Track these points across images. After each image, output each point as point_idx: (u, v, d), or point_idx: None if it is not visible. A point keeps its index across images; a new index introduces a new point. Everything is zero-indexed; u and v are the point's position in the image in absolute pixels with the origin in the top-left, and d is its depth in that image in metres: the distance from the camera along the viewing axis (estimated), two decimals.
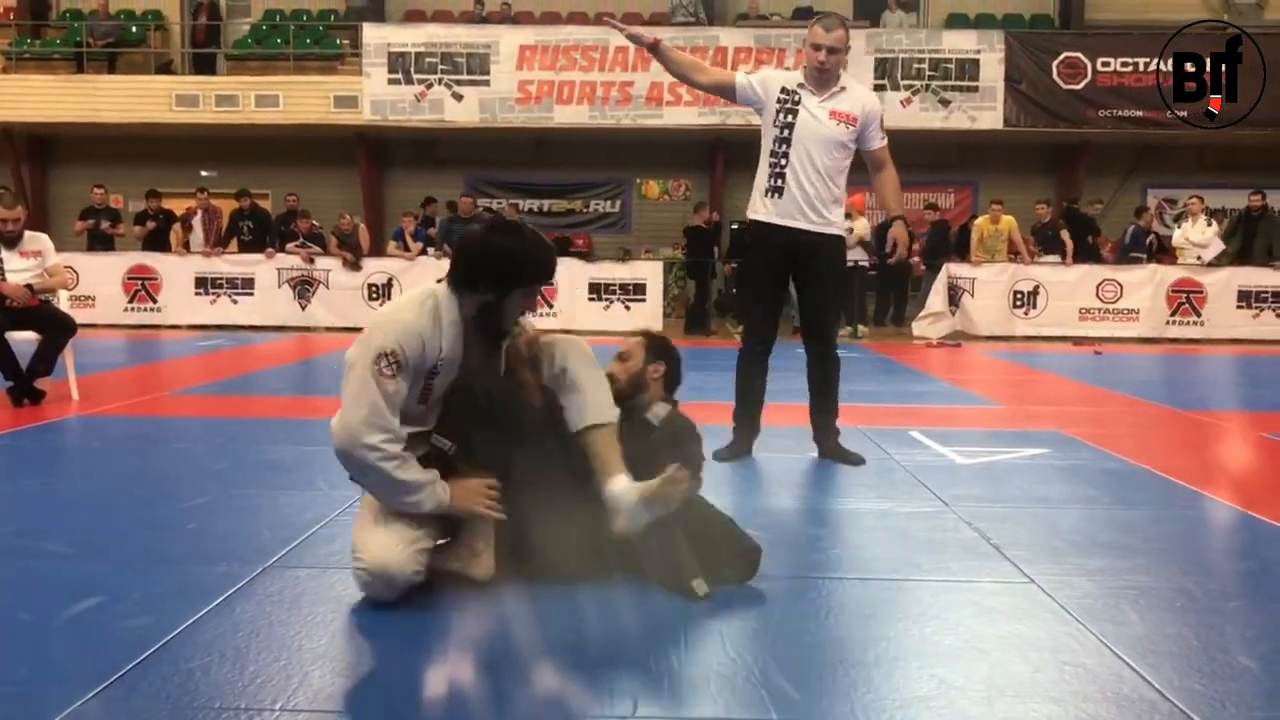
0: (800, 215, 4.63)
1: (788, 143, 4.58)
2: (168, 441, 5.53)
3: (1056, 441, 5.48)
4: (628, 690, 2.25)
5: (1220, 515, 4.02)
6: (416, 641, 2.53)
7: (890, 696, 2.26)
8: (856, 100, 4.62)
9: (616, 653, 2.48)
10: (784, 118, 4.60)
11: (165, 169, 16.58)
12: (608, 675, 2.33)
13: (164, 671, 2.32)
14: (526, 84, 15.64)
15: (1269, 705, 2.24)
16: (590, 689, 2.26)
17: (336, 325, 13.64)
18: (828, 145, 4.57)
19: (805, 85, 4.61)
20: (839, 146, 4.59)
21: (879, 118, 4.65)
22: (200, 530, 3.58)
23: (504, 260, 2.84)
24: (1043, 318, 13.48)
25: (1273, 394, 8.71)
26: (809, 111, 4.58)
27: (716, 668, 2.37)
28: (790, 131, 4.58)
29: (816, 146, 4.56)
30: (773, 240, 4.68)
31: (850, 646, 2.56)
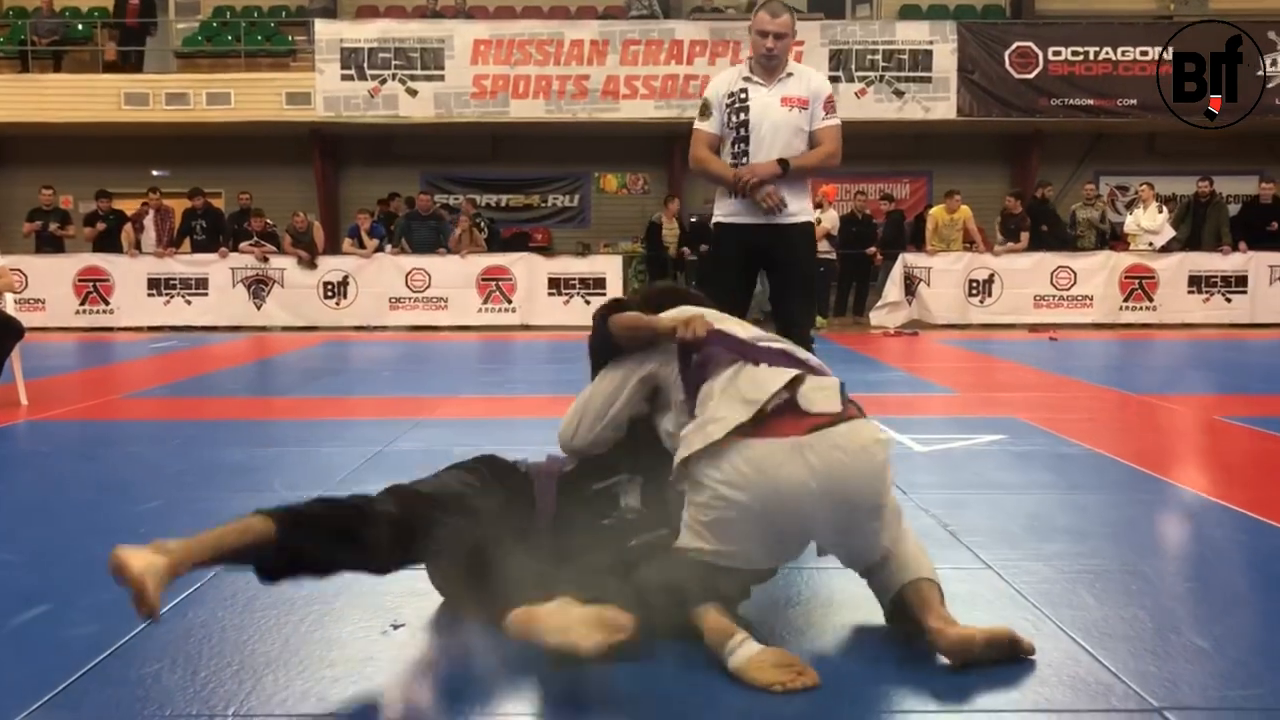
0: (767, 210, 4.52)
1: (745, 140, 4.48)
2: (120, 445, 5.44)
3: (1013, 427, 5.53)
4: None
5: (1174, 498, 4.07)
6: (372, 644, 2.50)
7: (849, 684, 2.27)
8: (804, 82, 4.53)
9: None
10: (736, 117, 4.50)
11: (115, 169, 16.30)
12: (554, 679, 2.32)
13: (113, 680, 2.28)
14: (481, 78, 15.54)
15: (1222, 685, 2.26)
16: (537, 693, 2.25)
17: (293, 324, 13.51)
18: (784, 132, 4.47)
19: (752, 77, 4.52)
20: (796, 132, 4.49)
21: (825, 97, 4.53)
22: (152, 534, 3.46)
23: None
24: (998, 305, 13.60)
25: (1224, 377, 8.85)
26: (760, 103, 4.49)
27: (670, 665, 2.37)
28: (745, 129, 4.49)
29: (773, 136, 4.47)
30: (739, 238, 4.55)
31: (808, 635, 2.56)
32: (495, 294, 13.87)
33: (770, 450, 2.38)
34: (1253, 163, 15.69)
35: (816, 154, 4.50)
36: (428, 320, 13.66)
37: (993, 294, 13.62)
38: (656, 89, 15.57)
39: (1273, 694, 2.21)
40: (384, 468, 4.48)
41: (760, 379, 2.53)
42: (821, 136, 4.51)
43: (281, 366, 9.91)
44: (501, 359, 10.34)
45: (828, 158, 4.52)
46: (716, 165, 4.54)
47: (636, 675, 2.29)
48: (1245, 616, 2.78)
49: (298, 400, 7.27)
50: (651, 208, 16.27)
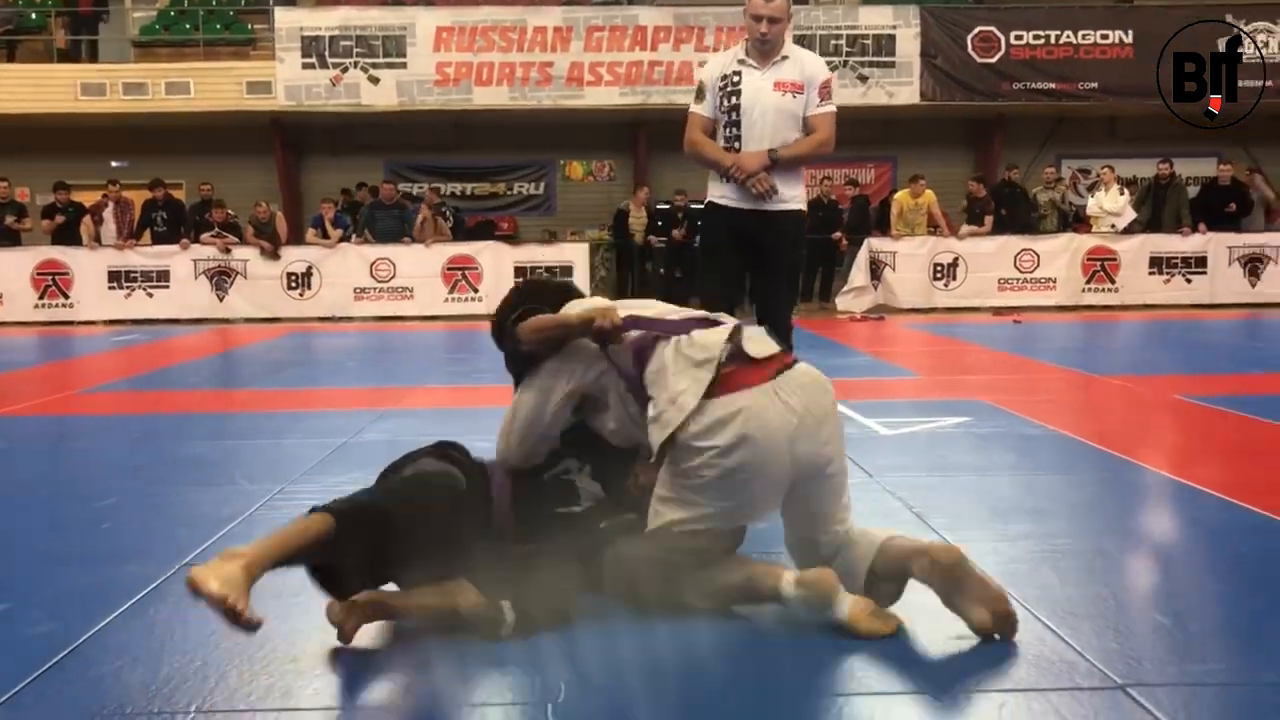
0: (757, 196, 4.38)
1: (737, 125, 4.38)
2: (78, 440, 5.37)
3: (978, 410, 5.57)
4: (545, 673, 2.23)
5: (1136, 477, 4.11)
6: (335, 636, 2.47)
7: (818, 666, 2.27)
8: (798, 66, 4.40)
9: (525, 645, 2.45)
10: (729, 101, 4.39)
11: (73, 160, 16.04)
12: (511, 657, 2.30)
13: (72, 678, 2.25)
14: (444, 66, 15.42)
15: (1183, 660, 2.29)
16: (491, 676, 2.24)
17: (256, 316, 13.38)
18: (778, 118, 4.36)
19: (747, 60, 4.40)
20: (790, 117, 4.37)
21: (821, 82, 4.40)
22: (112, 530, 3.47)
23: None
24: (963, 289, 13.69)
25: (1184, 356, 8.95)
26: (753, 87, 4.37)
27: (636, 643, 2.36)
28: (738, 113, 4.37)
29: (766, 121, 4.35)
30: (729, 223, 4.44)
31: (766, 619, 2.56)
32: (462, 283, 13.80)
33: (750, 399, 2.48)
34: (1211, 145, 15.84)
35: (807, 143, 4.39)
36: (393, 310, 13.57)
37: (957, 278, 13.70)
38: (621, 75, 15.52)
39: (1233, 670, 2.23)
40: (349, 460, 4.44)
41: (701, 342, 2.58)
42: (815, 123, 4.40)
43: (245, 359, 9.82)
44: (468, 348, 10.27)
45: (819, 146, 4.42)
46: (710, 150, 4.44)
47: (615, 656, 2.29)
48: (1205, 593, 2.81)
49: (261, 392, 7.20)
50: (618, 195, 16.25)
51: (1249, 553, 3.10)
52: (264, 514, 3.57)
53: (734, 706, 2.11)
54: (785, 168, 4.35)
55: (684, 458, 2.50)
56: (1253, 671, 2.22)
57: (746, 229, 4.39)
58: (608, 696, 2.15)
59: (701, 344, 2.58)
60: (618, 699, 2.13)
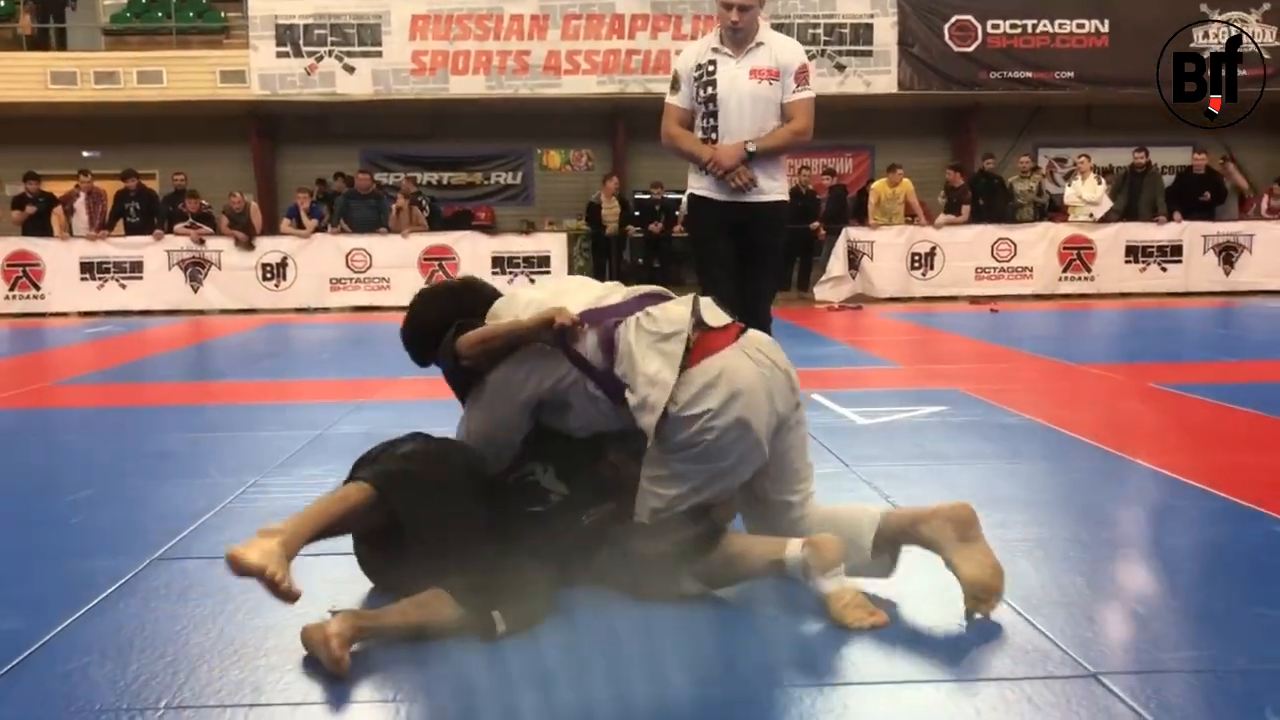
0: (736, 189, 4.32)
1: (714, 115, 4.31)
2: (50, 434, 5.32)
3: (954, 399, 5.58)
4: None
5: (1111, 466, 4.12)
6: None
7: (789, 657, 2.27)
8: (773, 53, 4.32)
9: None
10: (704, 91, 4.32)
11: (43, 150, 15.86)
12: (483, 652, 2.29)
13: (40, 675, 2.22)
14: (420, 54, 15.33)
15: (1155, 648, 2.30)
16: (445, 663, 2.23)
17: (231, 307, 13.29)
18: (755, 106, 4.28)
19: (721, 48, 4.33)
20: (767, 105, 4.29)
21: (797, 68, 4.31)
22: (84, 524, 3.44)
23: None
24: (940, 278, 13.72)
25: (1160, 345, 9.01)
26: (728, 75, 4.29)
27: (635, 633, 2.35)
28: (714, 103, 4.31)
29: (744, 110, 4.28)
30: (712, 215, 4.39)
31: (747, 605, 2.56)
32: (439, 274, 13.73)
33: (726, 359, 2.55)
34: (1186, 134, 15.95)
35: (784, 133, 4.32)
36: (370, 301, 13.50)
37: (935, 267, 13.73)
38: (598, 64, 15.47)
39: (1204, 657, 2.24)
40: (324, 452, 4.41)
41: (664, 317, 2.60)
42: (792, 110, 4.32)
43: (219, 350, 9.75)
44: None
45: (796, 135, 4.33)
46: (688, 142, 4.37)
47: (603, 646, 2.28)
48: (1178, 581, 2.83)
49: (236, 384, 7.15)
50: (596, 184, 16.19)
51: (1222, 540, 3.12)
52: (238, 507, 3.54)
53: (716, 695, 2.11)
54: (764, 159, 4.29)
55: (677, 431, 2.51)
56: (1224, 659, 2.23)
57: (730, 220, 4.35)
58: (580, 693, 2.14)
59: (665, 319, 2.59)
60: (589, 696, 2.13)
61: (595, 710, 2.05)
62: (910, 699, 2.07)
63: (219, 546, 3.06)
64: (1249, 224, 14.17)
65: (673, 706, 2.07)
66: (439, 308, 2.95)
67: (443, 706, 2.11)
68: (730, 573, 2.59)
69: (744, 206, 4.31)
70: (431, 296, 3.08)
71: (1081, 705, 2.01)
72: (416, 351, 2.99)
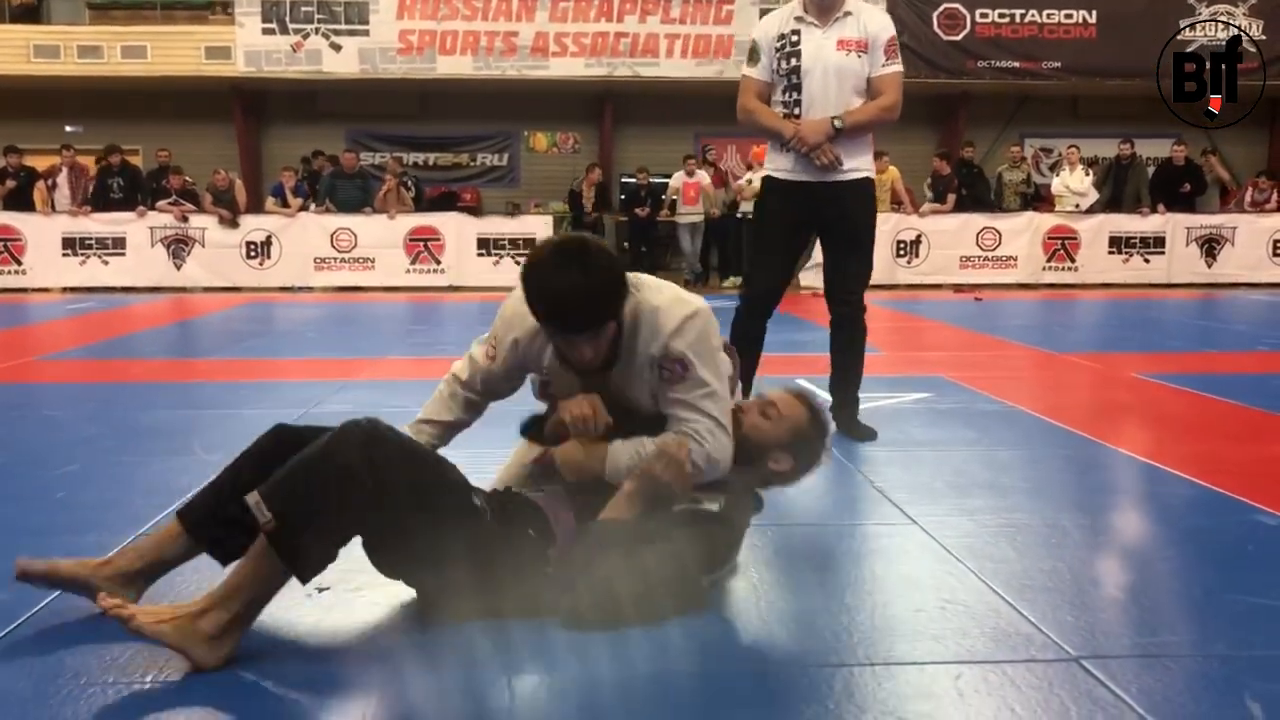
0: (821, 167, 4.10)
1: (797, 89, 4.06)
2: (33, 409, 5.28)
3: (938, 386, 5.61)
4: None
5: (1093, 453, 4.16)
6: (297, 608, 2.45)
7: (774, 638, 2.29)
8: (862, 22, 4.07)
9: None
10: (786, 63, 4.06)
11: (25, 124, 15.72)
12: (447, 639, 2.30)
13: (26, 649, 2.22)
14: (408, 34, 15.24)
15: (1136, 633, 2.32)
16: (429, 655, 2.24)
17: (214, 285, 13.23)
18: (841, 80, 4.03)
19: (805, 16, 4.08)
20: (853, 78, 4.04)
21: (886, 40, 4.07)
22: (68, 500, 3.42)
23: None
24: (925, 266, 13.77)
25: (1142, 335, 9.06)
26: (813, 46, 4.03)
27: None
28: (797, 75, 4.05)
29: (829, 84, 4.03)
30: (792, 197, 4.17)
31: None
32: (424, 254, 13.69)
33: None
34: (1171, 126, 16.02)
35: (873, 108, 4.08)
36: (354, 281, 13.45)
37: (920, 255, 13.77)
38: (587, 46, 15.41)
39: (1185, 642, 2.27)
40: None
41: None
42: (881, 85, 4.08)
43: (203, 328, 9.70)
44: (430, 320, 10.23)
45: (885, 111, 4.10)
46: (767, 117, 4.14)
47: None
48: (1160, 567, 2.86)
49: (219, 362, 7.12)
50: (583, 167, 16.15)
51: (1202, 527, 3.15)
52: None
53: (697, 677, 2.12)
54: (850, 135, 4.08)
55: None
56: (1204, 644, 2.26)
57: (812, 203, 4.14)
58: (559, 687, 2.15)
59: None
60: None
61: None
62: (893, 681, 2.09)
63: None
64: (1231, 216, 14.27)
65: (668, 684, 2.08)
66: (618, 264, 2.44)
67: (435, 692, 2.12)
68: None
69: (827, 186, 4.12)
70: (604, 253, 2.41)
71: (1063, 689, 2.04)
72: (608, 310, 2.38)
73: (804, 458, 2.71)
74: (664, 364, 2.42)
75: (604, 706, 1.99)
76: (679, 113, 16.63)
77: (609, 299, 2.33)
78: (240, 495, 2.18)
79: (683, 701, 2.02)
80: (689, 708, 2.00)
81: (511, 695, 2.03)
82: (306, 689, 2.07)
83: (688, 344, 2.41)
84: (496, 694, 2.03)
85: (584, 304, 2.29)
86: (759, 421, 2.64)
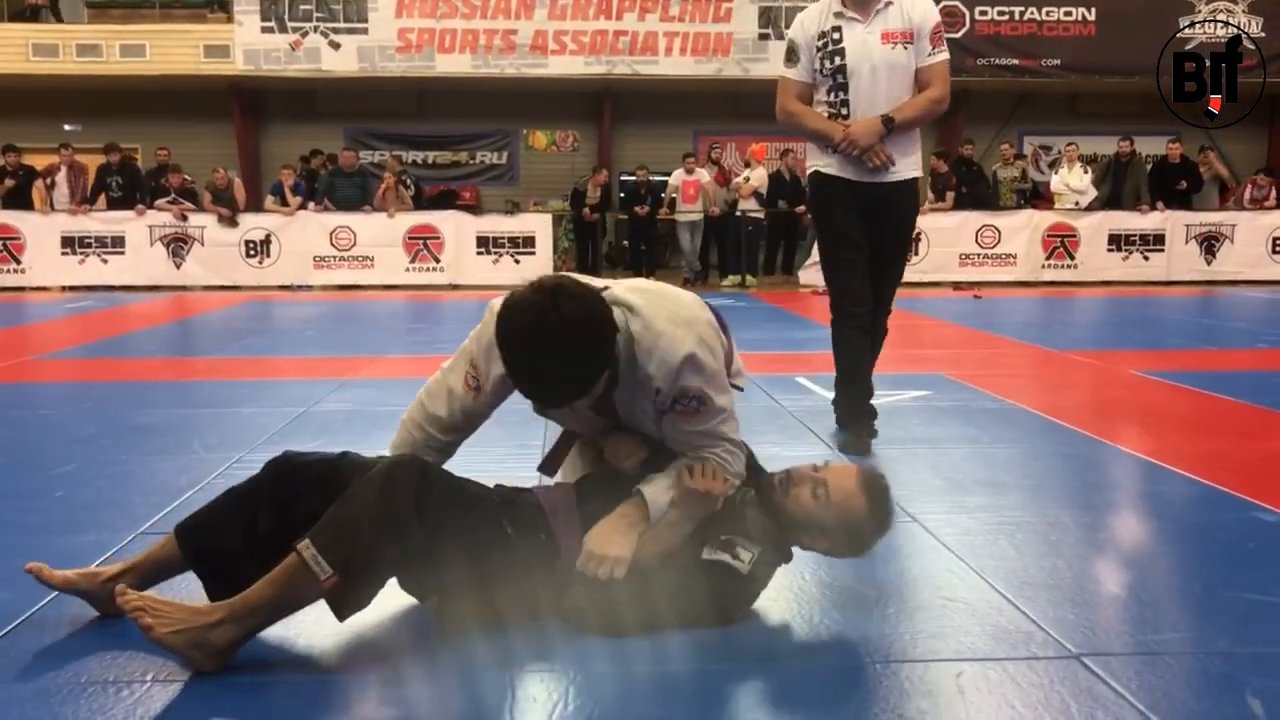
0: (869, 168, 3.92)
1: (843, 89, 3.87)
2: (32, 408, 5.28)
3: (938, 383, 5.61)
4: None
5: (1093, 450, 4.16)
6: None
7: (777, 637, 2.29)
8: (904, 12, 3.88)
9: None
10: (830, 62, 3.87)
11: (24, 122, 15.71)
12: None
13: (26, 647, 2.21)
14: (406, 32, 15.23)
15: (1135, 630, 2.32)
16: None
17: (213, 284, 13.22)
18: (890, 75, 3.85)
19: (845, 11, 3.89)
20: (902, 72, 3.86)
21: (931, 28, 3.88)
22: (67, 498, 3.42)
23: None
24: (924, 263, 13.75)
25: (1141, 333, 9.06)
26: (857, 42, 3.85)
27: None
28: (842, 74, 3.86)
29: (878, 80, 3.84)
30: (840, 195, 3.99)
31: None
32: (423, 253, 13.68)
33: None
34: (1171, 123, 16.02)
35: (923, 101, 3.89)
36: (353, 279, 13.45)
37: (919, 252, 13.75)
38: (586, 44, 15.40)
39: (1185, 639, 2.27)
40: (308, 428, 4.41)
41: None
42: (929, 76, 3.89)
43: (202, 327, 9.70)
44: (429, 318, 10.22)
45: (935, 103, 3.91)
46: (812, 120, 3.95)
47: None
48: (1159, 565, 2.86)
49: (219, 360, 7.12)
50: (582, 165, 16.16)
51: (1202, 524, 3.15)
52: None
53: (701, 673, 2.12)
54: (900, 132, 3.89)
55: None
56: (1204, 641, 2.26)
57: (860, 202, 3.97)
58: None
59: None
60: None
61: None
62: (893, 679, 2.09)
63: None
64: (1231, 214, 14.27)
65: (667, 682, 2.08)
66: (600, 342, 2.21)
67: (435, 687, 2.11)
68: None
69: (877, 187, 3.93)
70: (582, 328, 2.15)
71: (1064, 686, 2.04)
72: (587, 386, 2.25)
73: (846, 547, 2.46)
74: (679, 400, 2.30)
75: (603, 706, 1.99)
76: (678, 111, 16.63)
77: (595, 364, 2.19)
78: (260, 538, 2.22)
79: (683, 700, 2.02)
80: (689, 707, 2.00)
81: (512, 696, 2.03)
82: (306, 689, 2.07)
83: (702, 378, 2.29)
84: (496, 694, 2.03)
85: (569, 381, 2.18)
86: (806, 500, 2.40)
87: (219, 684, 2.05)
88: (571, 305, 2.11)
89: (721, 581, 2.30)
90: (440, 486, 2.21)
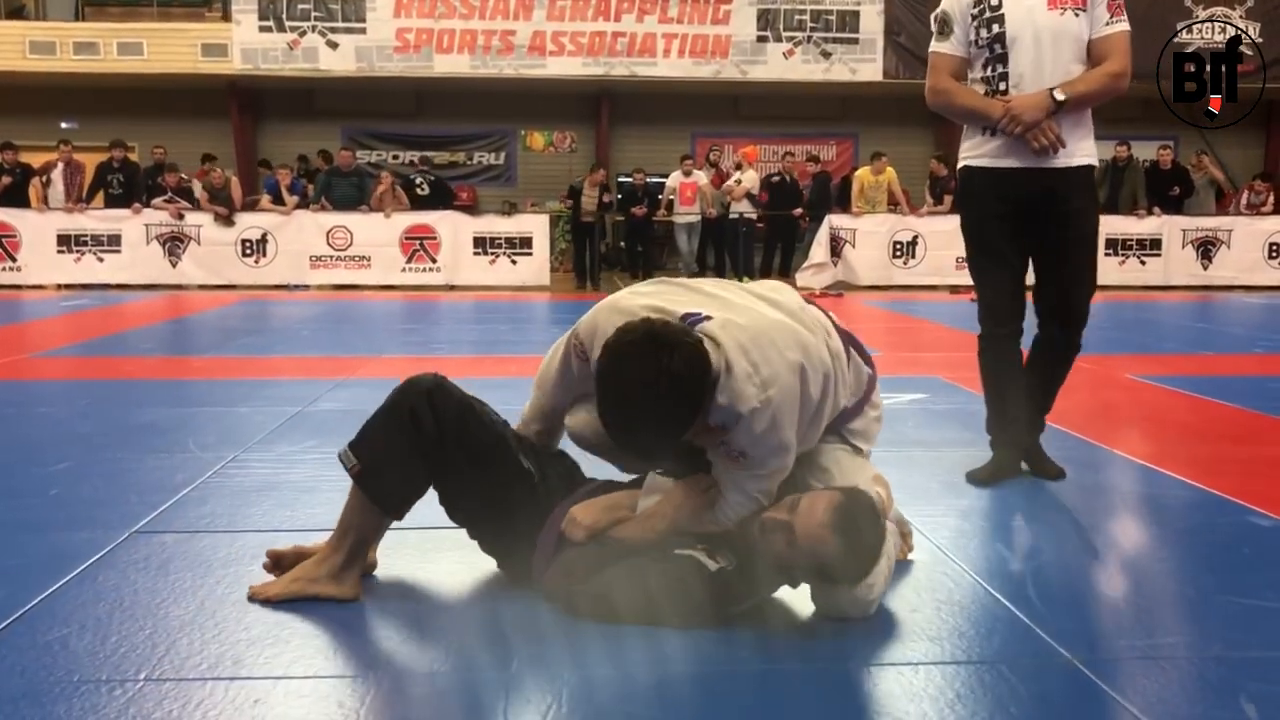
0: (1038, 150, 3.39)
1: (1002, 60, 3.36)
2: (27, 406, 5.26)
3: (933, 386, 5.61)
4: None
5: (1088, 453, 4.16)
6: (290, 607, 2.44)
7: (772, 639, 2.28)
8: None
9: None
10: (987, 31, 3.38)
11: (21, 120, 15.69)
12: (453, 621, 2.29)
13: (19, 645, 2.20)
14: (405, 32, 15.24)
15: (1131, 634, 2.32)
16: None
17: (209, 283, 13.20)
18: (1056, 45, 3.34)
19: None
20: (1072, 42, 3.35)
21: None
22: (63, 496, 3.41)
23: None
24: (922, 267, 13.77)
25: (1137, 337, 9.07)
26: (1020, 8, 3.35)
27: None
28: (1001, 44, 3.36)
29: (1042, 51, 3.34)
30: (999, 190, 3.48)
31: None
32: (420, 253, 13.67)
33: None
34: (1167, 128, 16.06)
35: (1099, 75, 3.38)
36: (350, 279, 13.43)
37: (916, 256, 13.78)
38: (584, 45, 15.42)
39: (1181, 644, 2.27)
40: (304, 428, 4.40)
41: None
42: (1106, 48, 3.38)
43: (198, 326, 9.68)
44: (426, 319, 10.21)
45: (1114, 79, 3.40)
46: (966, 97, 3.46)
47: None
48: (1154, 569, 2.86)
49: (215, 359, 7.11)
50: (579, 167, 16.15)
51: (1197, 529, 3.15)
52: (217, 481, 3.53)
53: (701, 674, 2.11)
54: (1072, 110, 3.38)
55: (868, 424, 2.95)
56: (1200, 645, 2.26)
57: (1025, 195, 3.44)
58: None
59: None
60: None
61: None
62: (889, 682, 2.09)
63: (199, 521, 3.08)
64: (1227, 219, 14.29)
65: (664, 685, 2.08)
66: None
67: (431, 681, 2.11)
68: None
69: (1046, 174, 3.41)
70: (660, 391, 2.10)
71: (1059, 690, 2.03)
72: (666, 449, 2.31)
73: (834, 584, 2.34)
74: (725, 443, 2.25)
75: (602, 707, 1.98)
76: (675, 112, 16.65)
77: (688, 423, 2.16)
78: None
79: (679, 702, 2.01)
80: (685, 708, 2.00)
81: (508, 696, 2.02)
82: (306, 689, 2.07)
83: (750, 440, 2.23)
84: (495, 695, 2.03)
85: (664, 438, 2.18)
86: (781, 549, 2.28)
87: (215, 684, 2.04)
88: (681, 363, 2.08)
89: (686, 574, 2.29)
90: (454, 394, 2.49)
